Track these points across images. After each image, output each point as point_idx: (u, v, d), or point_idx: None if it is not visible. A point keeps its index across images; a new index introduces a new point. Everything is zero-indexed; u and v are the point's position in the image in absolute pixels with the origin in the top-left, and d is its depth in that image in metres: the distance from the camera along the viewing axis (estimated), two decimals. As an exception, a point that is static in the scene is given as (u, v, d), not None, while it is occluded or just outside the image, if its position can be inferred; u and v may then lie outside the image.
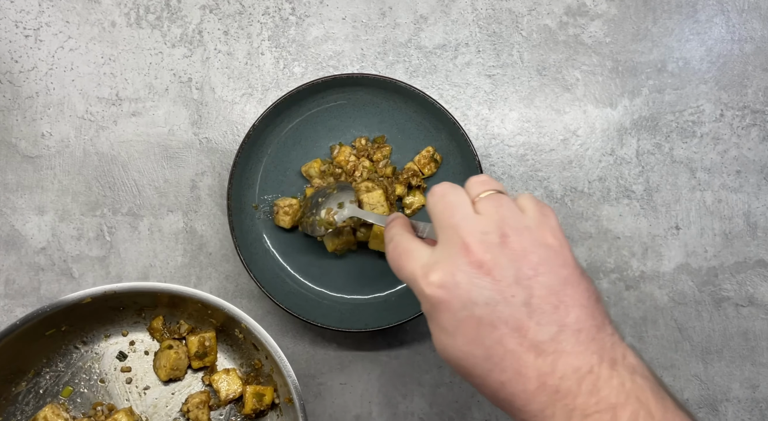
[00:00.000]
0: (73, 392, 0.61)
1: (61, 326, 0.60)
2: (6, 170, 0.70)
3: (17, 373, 0.60)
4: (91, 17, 0.71)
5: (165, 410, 0.62)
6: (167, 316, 0.64)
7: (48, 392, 0.61)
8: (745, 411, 0.69)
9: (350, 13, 0.72)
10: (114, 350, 0.63)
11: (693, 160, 0.72)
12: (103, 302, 0.59)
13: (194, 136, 0.71)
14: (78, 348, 0.62)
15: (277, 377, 0.60)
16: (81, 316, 0.60)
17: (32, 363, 0.60)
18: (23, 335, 0.57)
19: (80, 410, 0.61)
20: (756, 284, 0.70)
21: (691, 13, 0.73)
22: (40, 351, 0.60)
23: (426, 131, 0.68)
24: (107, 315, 0.62)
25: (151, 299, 0.61)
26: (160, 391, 0.63)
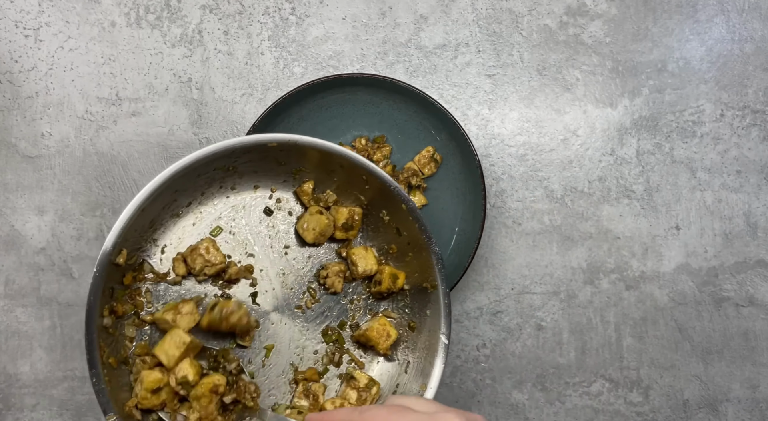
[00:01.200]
0: (220, 233, 0.62)
1: (229, 166, 0.60)
2: (6, 170, 0.70)
3: (176, 203, 0.60)
4: (91, 17, 0.71)
5: (301, 271, 0.63)
6: (317, 183, 0.64)
7: (197, 228, 0.61)
8: (745, 411, 0.69)
9: (350, 13, 0.72)
10: (261, 204, 0.63)
11: (693, 160, 0.72)
12: (278, 151, 0.59)
13: (194, 136, 0.71)
14: (229, 192, 0.62)
15: (416, 262, 0.61)
16: (249, 160, 0.60)
17: (190, 196, 0.60)
18: (202, 165, 0.57)
19: (224, 252, 0.62)
20: (756, 284, 0.70)
21: (691, 13, 0.73)
22: (200, 186, 0.60)
23: (426, 131, 0.68)
24: (268, 167, 0.61)
25: (315, 161, 0.61)
26: (298, 252, 0.64)
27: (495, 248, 0.70)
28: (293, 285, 0.63)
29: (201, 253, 0.59)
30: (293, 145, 0.58)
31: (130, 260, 0.57)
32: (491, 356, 0.70)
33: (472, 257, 0.65)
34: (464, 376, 0.69)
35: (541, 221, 0.71)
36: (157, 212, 0.58)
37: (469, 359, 0.70)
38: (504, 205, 0.71)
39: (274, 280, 0.62)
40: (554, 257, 0.70)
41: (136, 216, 0.54)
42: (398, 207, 0.60)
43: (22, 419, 0.68)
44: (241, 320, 0.58)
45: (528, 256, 0.70)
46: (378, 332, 0.61)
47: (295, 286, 0.63)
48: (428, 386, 0.58)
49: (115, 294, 0.57)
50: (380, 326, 0.61)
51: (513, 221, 0.71)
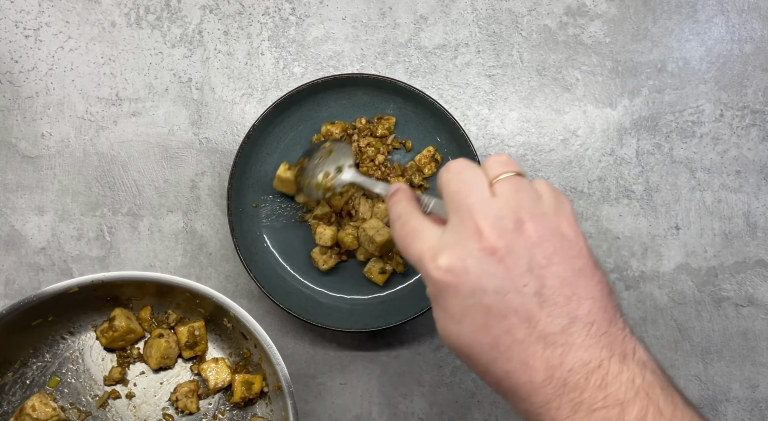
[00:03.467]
0: (60, 383, 0.62)
1: (47, 316, 0.60)
2: (6, 170, 0.70)
3: (3, 364, 0.60)
4: (91, 17, 0.71)
5: (154, 399, 0.62)
6: (155, 306, 0.63)
7: (35, 382, 0.61)
8: (745, 411, 0.69)
9: (350, 13, 0.72)
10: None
11: (693, 160, 0.72)
12: (90, 291, 0.59)
13: (194, 136, 0.71)
14: (65, 339, 0.62)
15: (266, 365, 0.60)
16: (68, 306, 0.60)
17: (18, 354, 0.60)
18: (9, 326, 0.57)
19: (67, 400, 0.62)
20: (756, 284, 0.70)
21: (691, 13, 0.73)
22: (26, 342, 0.60)
23: (426, 131, 0.68)
24: (94, 305, 0.62)
25: (138, 289, 0.61)
26: (149, 380, 0.63)
27: (495, 248, 0.70)
28: (147, 415, 0.62)
29: (27, 412, 0.58)
30: (99, 285, 0.57)
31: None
32: (491, 356, 0.70)
33: (472, 257, 0.65)
34: (464, 376, 0.69)
35: (540, 221, 0.71)
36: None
37: (469, 359, 0.70)
38: (504, 205, 0.71)
39: (125, 414, 0.61)
40: (554, 257, 0.70)
41: None
42: (230, 315, 0.59)
43: (22, 419, 0.68)
44: None
45: (528, 256, 0.70)
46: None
47: (150, 415, 0.62)
48: None
49: None
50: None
51: (513, 221, 0.71)
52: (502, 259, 0.38)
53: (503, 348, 0.38)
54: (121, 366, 0.63)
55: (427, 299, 0.65)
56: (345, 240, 0.65)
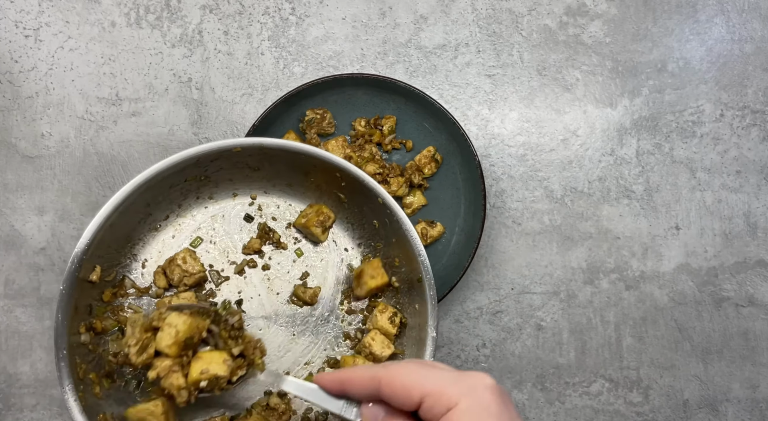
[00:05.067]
0: (202, 243, 0.62)
1: (201, 175, 0.60)
2: (6, 170, 0.70)
3: (152, 216, 0.60)
4: (91, 17, 0.71)
5: (287, 275, 0.63)
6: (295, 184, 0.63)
7: (177, 240, 0.62)
8: (745, 411, 0.69)
9: (350, 13, 0.72)
10: (241, 211, 0.63)
11: (693, 160, 0.72)
12: (246, 155, 0.59)
13: (194, 136, 0.71)
14: (207, 201, 0.62)
15: (401, 255, 0.60)
16: (220, 168, 0.60)
17: (167, 208, 0.61)
18: (171, 175, 0.57)
19: (207, 261, 0.62)
20: (756, 284, 0.70)
21: (691, 13, 0.73)
22: (175, 198, 0.60)
23: (426, 131, 0.68)
24: (243, 172, 0.61)
25: (289, 164, 0.60)
26: (283, 256, 0.63)
27: (495, 248, 0.71)
28: (280, 289, 0.63)
29: (178, 263, 0.59)
30: (259, 149, 0.58)
31: (108, 276, 0.57)
32: (491, 356, 0.70)
33: (472, 257, 0.65)
34: (464, 376, 0.69)
35: (541, 221, 0.71)
36: (132, 227, 0.58)
37: (469, 359, 0.70)
38: (504, 205, 0.71)
39: (258, 285, 0.62)
40: (554, 257, 0.70)
41: (100, 232, 0.54)
42: (375, 202, 0.59)
43: (22, 419, 0.68)
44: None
45: (528, 256, 0.70)
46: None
47: (281, 290, 0.63)
48: None
49: (94, 311, 0.57)
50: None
51: (513, 221, 0.71)
52: None
53: None
54: (261, 239, 0.63)
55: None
56: None
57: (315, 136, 0.68)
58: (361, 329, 0.63)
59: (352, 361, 0.59)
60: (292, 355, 0.62)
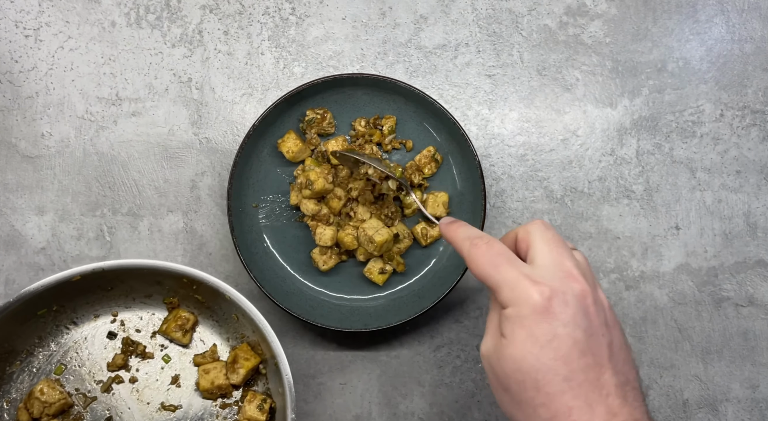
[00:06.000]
0: (65, 370, 0.63)
1: (52, 305, 0.61)
2: (6, 170, 0.70)
3: (11, 353, 0.62)
4: (91, 17, 0.71)
5: (156, 383, 0.64)
6: (154, 294, 0.65)
7: (41, 370, 0.63)
8: (745, 411, 0.69)
9: (350, 13, 0.72)
10: (104, 330, 0.65)
11: (693, 160, 0.72)
12: (92, 280, 0.60)
13: (194, 136, 0.71)
14: (69, 328, 0.64)
15: (264, 344, 0.62)
16: (71, 295, 0.62)
17: (25, 343, 0.62)
18: (16, 315, 0.59)
19: (73, 385, 0.63)
20: (756, 284, 0.70)
21: (691, 13, 0.73)
22: (32, 331, 0.62)
23: (426, 131, 0.68)
24: (96, 294, 0.63)
25: (138, 278, 0.62)
26: (150, 365, 0.65)
27: (495, 248, 0.70)
28: (150, 399, 0.64)
29: (36, 397, 0.60)
30: (100, 273, 0.59)
31: None
32: (491, 356, 0.70)
33: (472, 257, 0.65)
34: (464, 376, 0.69)
35: (541, 221, 0.71)
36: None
37: (469, 359, 0.70)
38: (504, 205, 0.71)
39: (128, 399, 0.63)
40: (554, 257, 0.70)
41: None
42: (226, 298, 0.60)
43: (22, 419, 0.68)
44: None
45: (528, 256, 0.70)
46: None
47: (153, 399, 0.64)
48: None
49: None
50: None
51: (513, 221, 0.71)
52: (588, 307, 0.43)
53: (575, 383, 0.41)
54: (125, 353, 0.64)
55: (426, 298, 0.65)
56: (345, 240, 0.65)
57: (315, 136, 0.68)
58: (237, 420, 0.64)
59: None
60: None
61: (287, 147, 0.66)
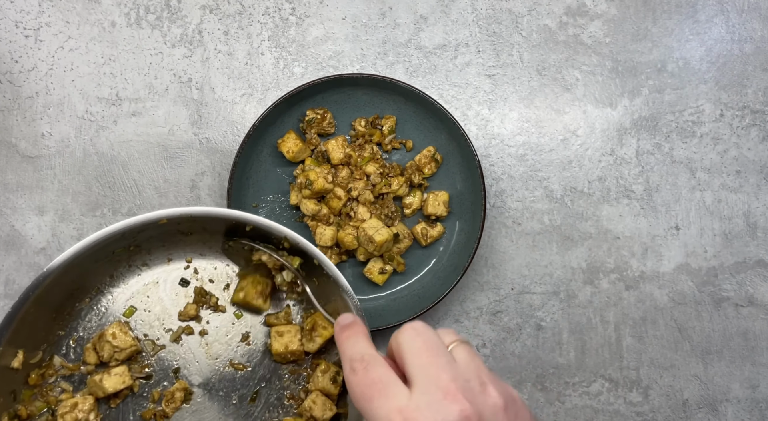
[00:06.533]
0: (135, 313, 0.61)
1: (130, 245, 0.59)
2: (6, 170, 0.70)
3: (81, 289, 0.59)
4: (91, 17, 0.71)
5: (226, 338, 0.62)
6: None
7: (110, 311, 0.60)
8: (745, 411, 0.69)
9: (350, 13, 0.72)
10: (176, 276, 0.62)
11: (693, 160, 0.72)
12: (176, 224, 0.58)
13: (194, 136, 0.71)
14: (141, 269, 0.61)
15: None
16: (150, 237, 0.59)
17: (97, 281, 0.60)
18: (95, 252, 0.56)
19: (141, 331, 0.61)
20: (756, 284, 0.70)
21: (691, 13, 0.73)
22: (105, 270, 0.59)
23: (426, 131, 0.68)
24: (175, 238, 0.60)
25: (223, 225, 0.59)
26: (221, 319, 0.62)
27: (495, 248, 0.71)
28: (218, 354, 0.61)
29: (108, 339, 0.58)
30: (187, 217, 0.57)
31: (33, 358, 0.56)
32: (491, 356, 0.70)
33: (472, 256, 0.65)
34: (464, 376, 0.69)
35: (540, 221, 0.71)
36: (59, 304, 0.57)
37: (469, 359, 0.70)
38: (504, 205, 0.71)
39: (196, 351, 0.61)
40: (554, 257, 0.71)
41: (17, 318, 0.53)
42: (311, 261, 0.58)
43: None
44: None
45: (528, 256, 0.71)
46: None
47: (220, 354, 0.61)
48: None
49: (19, 397, 0.55)
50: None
51: (513, 221, 0.71)
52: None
53: None
54: (197, 304, 0.62)
55: (426, 298, 0.65)
56: (345, 240, 0.65)
57: (315, 136, 0.68)
58: (306, 389, 0.61)
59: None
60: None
61: (287, 147, 0.66)
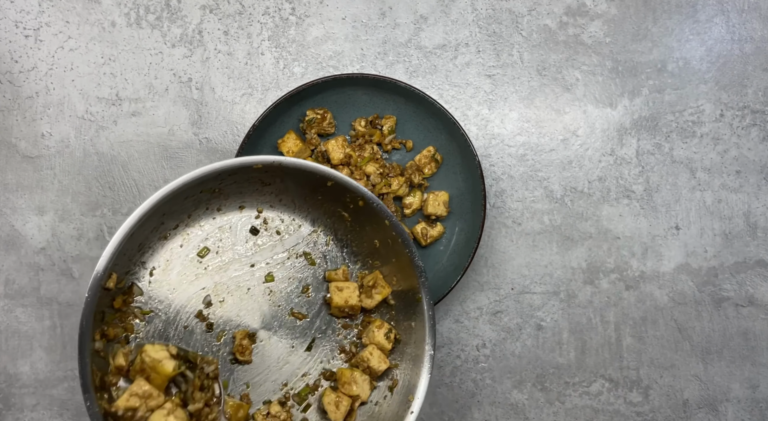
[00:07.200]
0: (207, 254, 0.62)
1: (215, 188, 0.60)
2: (6, 170, 0.70)
3: (164, 225, 0.60)
4: (91, 17, 0.71)
5: (288, 289, 0.64)
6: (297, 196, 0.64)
7: (185, 249, 0.62)
8: (745, 411, 0.69)
9: (350, 13, 0.72)
10: (247, 224, 0.64)
11: (693, 160, 0.72)
12: (264, 172, 0.59)
13: (194, 136, 0.71)
14: (215, 213, 0.63)
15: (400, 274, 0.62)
16: (234, 182, 0.60)
17: (177, 218, 0.61)
18: (190, 187, 0.57)
19: (211, 274, 0.62)
20: (756, 284, 0.70)
21: (691, 13, 0.73)
22: (186, 208, 0.61)
23: (426, 131, 0.68)
24: (253, 186, 0.62)
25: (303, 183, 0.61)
26: (288, 266, 0.64)
27: (495, 248, 0.71)
28: (280, 301, 0.63)
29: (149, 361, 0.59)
30: (278, 166, 0.59)
31: (119, 283, 0.57)
32: (491, 356, 0.70)
33: (472, 257, 0.65)
34: (464, 376, 0.69)
35: (541, 221, 0.71)
36: (145, 236, 0.59)
37: (469, 359, 0.70)
38: (504, 205, 0.71)
39: (260, 298, 0.63)
40: (554, 257, 0.71)
41: (126, 240, 0.54)
42: (381, 223, 0.61)
43: (22, 419, 0.68)
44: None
45: (528, 256, 0.71)
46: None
47: (282, 302, 0.63)
48: (415, 396, 0.59)
49: (106, 318, 0.57)
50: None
51: (513, 221, 0.71)
52: None
53: None
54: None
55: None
56: None
57: (315, 136, 0.68)
58: (356, 343, 0.64)
59: (349, 373, 0.61)
60: (290, 367, 0.63)
61: (287, 147, 0.66)
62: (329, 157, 0.67)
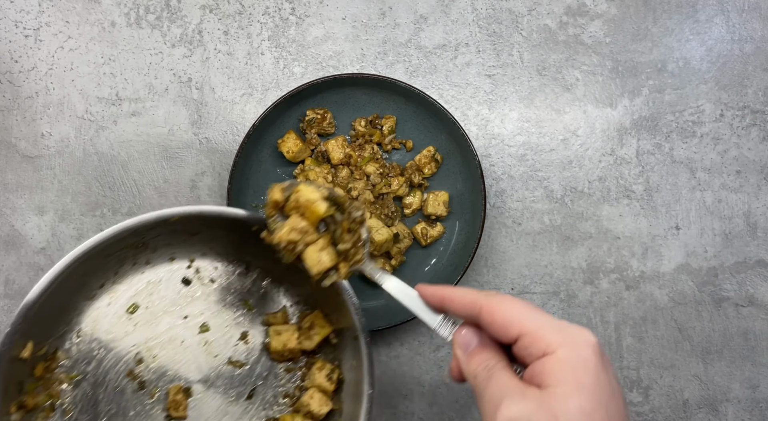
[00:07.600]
0: (137, 310, 0.61)
1: (138, 243, 0.59)
2: (6, 170, 0.70)
3: (88, 285, 0.60)
4: (91, 17, 0.71)
5: (225, 337, 0.63)
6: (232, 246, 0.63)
7: (113, 308, 0.61)
8: (745, 411, 0.69)
9: (350, 13, 0.72)
10: (178, 275, 0.63)
11: (693, 160, 0.72)
12: (185, 223, 0.58)
13: (194, 136, 0.71)
14: (144, 267, 0.62)
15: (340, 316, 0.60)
16: (158, 235, 0.59)
17: (102, 276, 0.60)
18: (109, 245, 0.56)
19: (141, 330, 0.61)
20: (756, 284, 0.70)
21: (691, 13, 0.73)
22: (110, 266, 0.60)
23: (426, 131, 0.68)
24: (180, 237, 0.61)
25: (225, 230, 0.60)
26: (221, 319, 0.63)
27: (495, 248, 0.71)
28: (217, 351, 0.62)
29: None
30: (196, 216, 0.57)
31: (40, 350, 0.56)
32: (491, 356, 0.70)
33: (472, 257, 0.65)
34: (464, 376, 0.69)
35: (541, 221, 0.71)
36: (66, 297, 0.57)
37: (469, 359, 0.70)
38: (504, 205, 0.71)
39: (196, 349, 0.62)
40: (554, 257, 0.71)
41: (35, 308, 0.53)
42: None
43: (22, 419, 0.68)
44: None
45: (528, 256, 0.70)
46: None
47: (219, 352, 0.62)
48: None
49: (26, 388, 0.55)
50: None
51: (513, 221, 0.71)
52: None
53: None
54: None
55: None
56: None
57: (315, 136, 0.68)
58: (300, 386, 0.62)
59: (290, 420, 0.60)
60: (229, 418, 0.61)
61: (287, 147, 0.66)
62: (329, 157, 0.67)
